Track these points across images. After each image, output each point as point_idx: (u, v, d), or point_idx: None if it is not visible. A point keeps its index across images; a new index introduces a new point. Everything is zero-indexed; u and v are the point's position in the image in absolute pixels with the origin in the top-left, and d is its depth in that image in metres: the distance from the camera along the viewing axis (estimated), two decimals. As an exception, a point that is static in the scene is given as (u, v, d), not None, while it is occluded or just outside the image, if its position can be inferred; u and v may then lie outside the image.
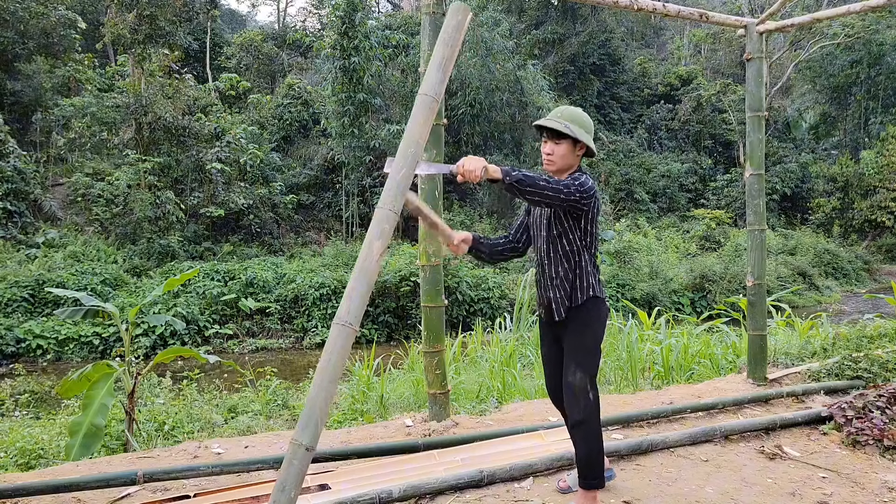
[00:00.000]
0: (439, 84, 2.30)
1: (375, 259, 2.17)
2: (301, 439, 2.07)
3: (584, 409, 2.89)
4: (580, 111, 2.94)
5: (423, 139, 2.26)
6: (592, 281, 2.97)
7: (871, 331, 6.46)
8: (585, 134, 2.87)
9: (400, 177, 2.22)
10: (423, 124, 2.27)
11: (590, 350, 2.95)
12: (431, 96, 2.28)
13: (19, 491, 3.15)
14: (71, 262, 15.56)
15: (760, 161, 5.18)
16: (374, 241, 2.19)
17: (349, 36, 20.07)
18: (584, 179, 2.82)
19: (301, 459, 2.06)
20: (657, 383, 6.14)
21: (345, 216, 22.43)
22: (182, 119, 19.28)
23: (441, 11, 4.13)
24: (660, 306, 11.13)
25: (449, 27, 2.33)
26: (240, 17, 43.41)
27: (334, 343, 2.13)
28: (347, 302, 2.15)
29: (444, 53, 2.31)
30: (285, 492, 2.04)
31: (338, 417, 5.51)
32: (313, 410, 2.10)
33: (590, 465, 2.96)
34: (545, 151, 2.92)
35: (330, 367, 2.12)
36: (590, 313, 2.96)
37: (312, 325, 15.41)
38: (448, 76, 2.35)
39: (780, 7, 5.12)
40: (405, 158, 2.23)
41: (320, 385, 2.11)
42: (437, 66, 2.31)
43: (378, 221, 2.21)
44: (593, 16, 30.27)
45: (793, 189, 30.10)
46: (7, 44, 20.74)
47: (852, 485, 3.55)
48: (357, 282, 2.16)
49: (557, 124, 2.84)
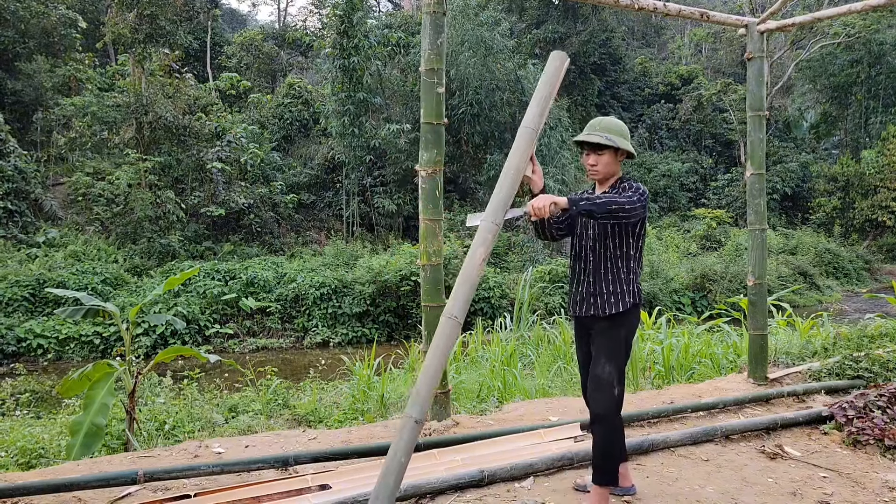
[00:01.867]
0: (538, 118, 2.68)
1: (478, 264, 2.51)
2: (412, 413, 2.38)
3: (607, 404, 2.93)
4: (615, 119, 3.08)
5: (523, 166, 2.65)
6: (635, 287, 3.04)
7: (872, 330, 6.46)
8: (624, 141, 3.00)
9: (502, 195, 2.59)
10: (524, 152, 2.65)
11: (620, 348, 3.01)
12: (531, 129, 2.66)
13: (20, 490, 3.14)
14: (71, 262, 15.57)
15: (761, 160, 5.17)
16: (477, 248, 2.54)
17: (349, 35, 20.07)
18: (642, 188, 2.95)
19: (411, 430, 2.36)
20: (658, 383, 6.14)
21: (345, 215, 22.43)
22: (182, 118, 19.28)
23: (441, 11, 4.12)
24: (660, 306, 11.12)
25: (549, 70, 2.74)
26: (240, 17, 43.44)
27: (441, 334, 2.44)
28: (453, 301, 2.49)
29: (544, 92, 2.71)
30: (396, 458, 2.33)
31: (338, 417, 5.51)
32: (421, 390, 2.41)
33: (605, 463, 2.98)
34: (589, 163, 3.06)
35: (439, 353, 2.44)
36: (626, 317, 3.02)
37: (313, 325, 15.41)
38: (546, 113, 2.73)
39: (781, 6, 5.12)
40: (508, 179, 2.61)
41: (429, 370, 2.42)
42: (537, 102, 2.69)
43: (482, 233, 2.56)
44: (594, 15, 30.26)
45: (793, 188, 30.09)
46: (8, 43, 20.75)
47: (853, 484, 3.55)
48: (461, 285, 2.52)
49: (598, 138, 2.97)
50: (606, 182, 3.08)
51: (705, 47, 40.89)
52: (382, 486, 2.31)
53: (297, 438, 4.20)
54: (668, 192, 30.13)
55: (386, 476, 2.32)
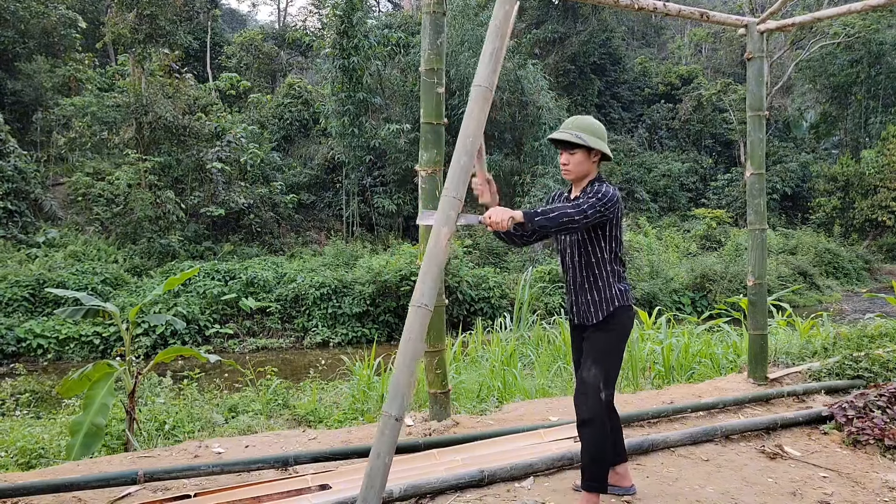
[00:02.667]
0: (492, 74, 2.38)
1: (443, 244, 2.31)
2: (391, 411, 2.27)
3: (592, 408, 2.89)
4: (591, 119, 3.00)
5: (480, 129, 2.38)
6: (620, 288, 3.00)
7: (872, 330, 6.46)
8: (598, 140, 2.93)
9: (461, 165, 2.35)
10: (480, 115, 2.38)
11: (610, 352, 2.98)
12: (485, 87, 2.38)
13: (20, 490, 3.14)
14: (71, 262, 15.56)
15: (761, 160, 5.17)
16: (441, 228, 2.34)
17: (349, 35, 20.08)
18: (605, 189, 2.86)
19: (392, 428, 2.27)
20: (658, 383, 6.14)
21: (345, 215, 22.43)
22: (182, 118, 19.28)
23: (441, 11, 4.12)
24: (660, 306, 11.12)
25: (497, 17, 2.41)
26: (240, 17, 43.45)
27: (412, 323, 2.31)
28: (421, 285, 2.32)
29: (494, 44, 2.40)
30: (380, 458, 2.26)
31: (338, 417, 5.51)
32: (398, 386, 2.30)
33: (592, 467, 2.96)
34: (562, 162, 2.99)
35: (410, 345, 2.31)
36: (615, 320, 2.99)
37: (313, 325, 15.41)
38: (499, 67, 2.43)
39: (781, 6, 5.12)
40: (465, 147, 2.36)
41: (403, 363, 2.31)
42: (488, 58, 2.40)
43: (443, 208, 2.34)
44: (594, 15, 30.24)
45: (793, 188, 30.10)
46: (7, 43, 20.75)
47: (853, 484, 3.55)
48: (428, 266, 2.33)
49: (569, 136, 2.90)
50: (580, 182, 3.02)
51: (705, 47, 40.89)
52: (369, 489, 2.25)
53: (297, 438, 4.20)
54: (668, 192, 30.13)
55: (371, 478, 2.26)
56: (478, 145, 2.42)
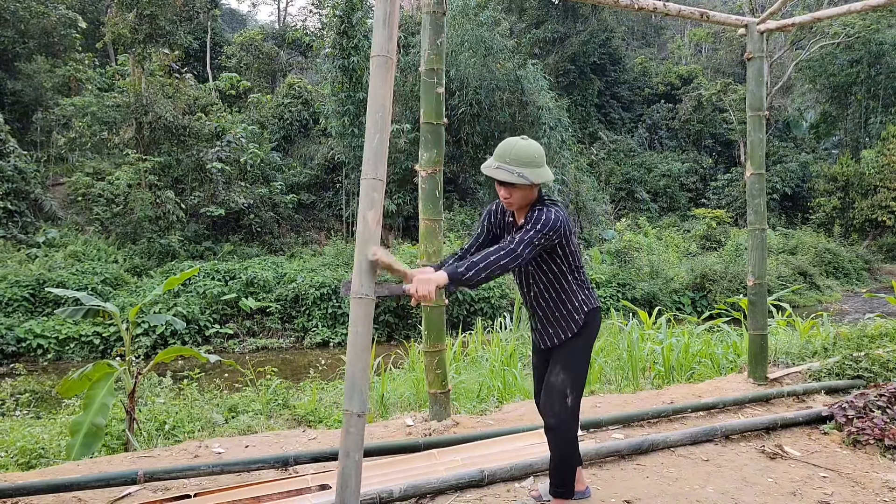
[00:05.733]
0: (388, 41, 2.29)
1: (372, 228, 2.26)
2: (351, 408, 2.23)
3: (559, 414, 2.83)
4: (526, 145, 2.74)
5: (387, 101, 2.29)
6: (582, 297, 2.90)
7: (872, 330, 6.46)
8: (537, 171, 2.71)
9: (375, 143, 2.28)
10: (384, 86, 2.28)
11: (577, 356, 2.91)
12: (384, 55, 2.29)
13: (20, 490, 3.15)
14: (71, 262, 15.56)
15: (761, 160, 5.17)
16: (366, 212, 2.27)
17: (348, 35, 20.09)
18: (546, 216, 2.68)
19: (356, 425, 2.22)
20: (658, 383, 6.13)
21: (345, 216, 22.43)
22: (182, 118, 19.28)
23: (441, 11, 4.13)
24: (660, 306, 11.11)
25: None
26: (240, 17, 43.45)
27: (356, 315, 2.27)
28: (357, 276, 2.27)
29: (385, 8, 2.31)
30: (350, 457, 2.22)
31: (338, 417, 5.50)
32: (354, 381, 2.25)
33: (559, 474, 2.93)
34: (502, 195, 2.80)
35: (359, 338, 2.26)
36: (585, 327, 2.92)
37: (313, 325, 15.41)
38: (396, 32, 2.34)
39: (781, 6, 5.12)
40: (376, 124, 2.28)
41: (354, 355, 2.26)
42: (381, 24, 2.31)
43: (365, 192, 2.27)
44: (594, 15, 30.26)
45: (793, 188, 30.10)
46: (7, 43, 20.75)
47: (853, 484, 3.55)
48: (360, 254, 2.27)
49: (509, 175, 2.69)
50: (523, 210, 2.85)
51: (705, 47, 40.90)
52: (344, 489, 2.20)
53: (297, 438, 4.20)
54: (667, 192, 30.14)
55: (345, 478, 2.20)
56: (389, 118, 2.30)
